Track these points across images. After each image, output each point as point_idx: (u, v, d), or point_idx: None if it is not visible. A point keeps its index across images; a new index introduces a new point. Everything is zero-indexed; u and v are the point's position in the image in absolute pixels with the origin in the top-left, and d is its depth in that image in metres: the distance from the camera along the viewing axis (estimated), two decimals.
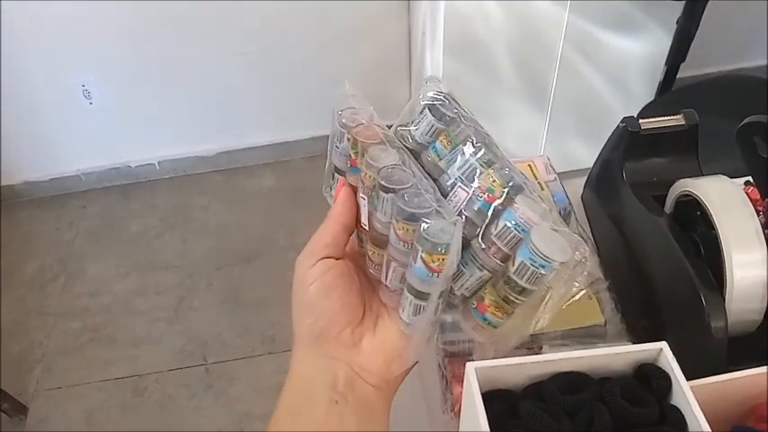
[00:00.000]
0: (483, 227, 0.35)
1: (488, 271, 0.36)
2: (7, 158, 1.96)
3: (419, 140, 0.40)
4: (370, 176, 0.37)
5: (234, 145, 2.05)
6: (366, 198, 0.38)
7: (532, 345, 0.46)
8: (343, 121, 0.39)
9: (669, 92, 1.45)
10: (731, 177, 0.63)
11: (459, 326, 0.47)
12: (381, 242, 0.37)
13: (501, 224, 0.34)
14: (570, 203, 0.53)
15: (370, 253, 0.38)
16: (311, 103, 1.98)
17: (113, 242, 1.91)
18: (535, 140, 1.69)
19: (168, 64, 1.83)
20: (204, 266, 1.81)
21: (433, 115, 0.39)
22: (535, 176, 0.56)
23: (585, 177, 0.62)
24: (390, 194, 0.35)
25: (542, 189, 0.55)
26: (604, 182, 0.53)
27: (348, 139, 0.39)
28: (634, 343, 0.46)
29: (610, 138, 0.52)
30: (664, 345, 0.37)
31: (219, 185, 2.05)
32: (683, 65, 1.41)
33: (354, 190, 0.39)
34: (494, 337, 0.38)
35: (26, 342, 1.68)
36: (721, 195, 0.42)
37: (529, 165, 0.58)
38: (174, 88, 1.89)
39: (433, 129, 0.40)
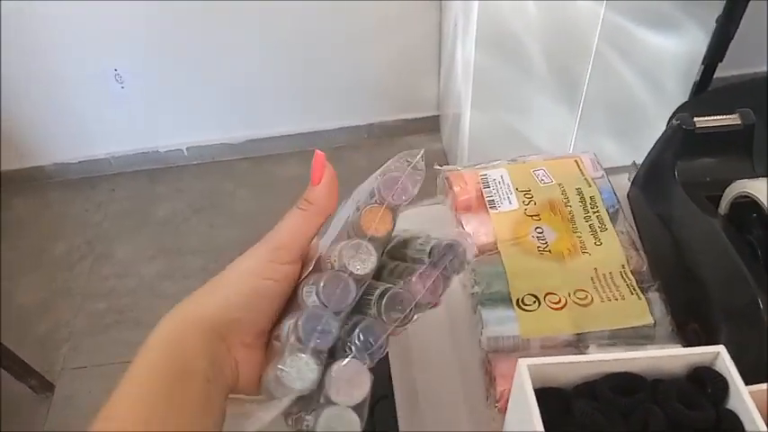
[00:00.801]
0: None
1: None
2: (38, 140, 1.99)
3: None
4: (334, 262, 0.33)
5: (261, 133, 2.05)
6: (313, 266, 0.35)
7: (578, 344, 0.45)
8: (380, 187, 0.34)
9: (705, 91, 1.42)
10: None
11: (504, 320, 0.46)
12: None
13: None
14: (618, 201, 0.52)
15: None
16: (339, 94, 1.99)
17: (141, 225, 1.93)
18: (565, 137, 1.67)
19: (199, 51, 1.83)
20: (230, 252, 1.78)
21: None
22: (582, 173, 0.55)
23: (618, 175, 0.61)
24: (314, 300, 0.32)
25: (589, 186, 0.54)
26: (654, 180, 0.52)
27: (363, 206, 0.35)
28: (683, 345, 0.45)
29: (662, 135, 0.51)
30: (721, 348, 0.36)
31: (246, 173, 2.06)
32: (720, 65, 1.39)
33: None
34: None
35: (53, 321, 1.70)
36: None
37: (575, 160, 0.57)
38: (204, 75, 1.90)
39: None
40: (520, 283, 0.48)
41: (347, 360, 0.32)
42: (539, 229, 0.52)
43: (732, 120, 0.48)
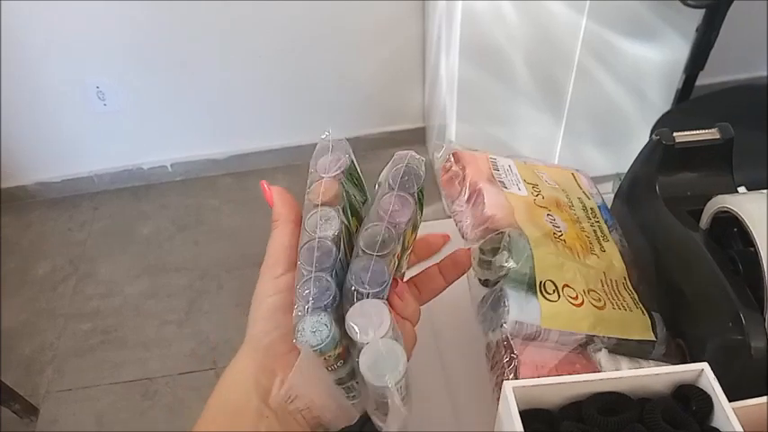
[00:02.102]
0: None
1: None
2: (20, 159, 1.97)
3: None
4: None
5: (246, 148, 2.05)
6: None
7: (587, 345, 0.44)
8: (316, 170, 0.37)
9: (687, 100, 1.44)
10: (749, 188, 0.62)
11: (527, 306, 0.44)
12: None
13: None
14: (614, 218, 0.52)
15: None
16: (324, 107, 1.99)
17: (125, 244, 1.91)
18: (550, 146, 1.68)
19: (182, 67, 1.83)
20: (215, 269, 1.81)
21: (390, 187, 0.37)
22: (579, 186, 0.55)
23: (601, 185, 0.61)
24: (301, 274, 0.34)
25: (588, 199, 0.54)
26: (636, 195, 0.52)
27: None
28: (668, 362, 0.45)
29: (642, 150, 0.51)
30: (705, 366, 0.36)
31: (231, 188, 2.05)
32: (701, 73, 1.40)
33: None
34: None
35: (37, 343, 1.68)
36: (762, 213, 0.41)
37: (572, 173, 0.56)
38: (187, 91, 1.89)
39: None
40: (544, 267, 0.45)
41: (356, 302, 0.33)
42: (550, 216, 0.49)
43: (711, 134, 0.48)
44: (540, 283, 0.44)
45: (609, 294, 0.46)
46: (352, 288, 0.33)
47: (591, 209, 0.53)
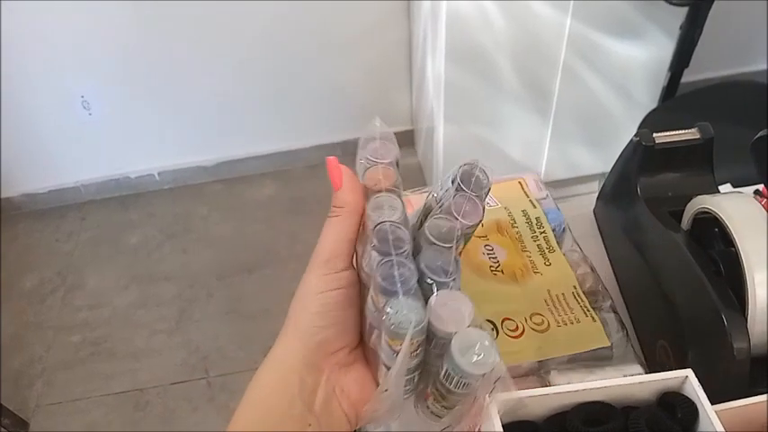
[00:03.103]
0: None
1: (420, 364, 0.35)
2: (6, 170, 1.95)
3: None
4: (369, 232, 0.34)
5: (234, 155, 2.03)
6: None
7: (539, 370, 0.44)
8: (368, 156, 0.35)
9: (673, 98, 1.44)
10: (734, 186, 0.61)
11: None
12: (364, 286, 0.35)
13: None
14: (564, 220, 0.52)
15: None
16: (312, 112, 1.98)
17: (113, 254, 1.90)
18: (537, 147, 1.68)
19: (168, 74, 1.82)
20: (205, 277, 1.79)
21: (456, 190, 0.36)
22: (526, 194, 0.55)
23: (588, 184, 0.60)
24: (374, 254, 0.32)
25: (534, 207, 0.54)
26: (618, 196, 0.52)
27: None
28: (648, 363, 0.45)
29: (623, 151, 0.51)
30: (689, 372, 0.35)
31: (220, 195, 2.04)
32: (686, 70, 1.40)
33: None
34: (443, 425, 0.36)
35: (26, 356, 1.66)
36: (742, 213, 0.41)
37: (519, 182, 0.56)
38: (173, 98, 1.88)
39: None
40: (478, 309, 0.46)
41: (435, 292, 0.32)
42: (488, 247, 0.50)
43: (691, 134, 0.48)
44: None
45: (554, 311, 0.46)
46: (430, 277, 0.32)
47: (536, 218, 0.53)
